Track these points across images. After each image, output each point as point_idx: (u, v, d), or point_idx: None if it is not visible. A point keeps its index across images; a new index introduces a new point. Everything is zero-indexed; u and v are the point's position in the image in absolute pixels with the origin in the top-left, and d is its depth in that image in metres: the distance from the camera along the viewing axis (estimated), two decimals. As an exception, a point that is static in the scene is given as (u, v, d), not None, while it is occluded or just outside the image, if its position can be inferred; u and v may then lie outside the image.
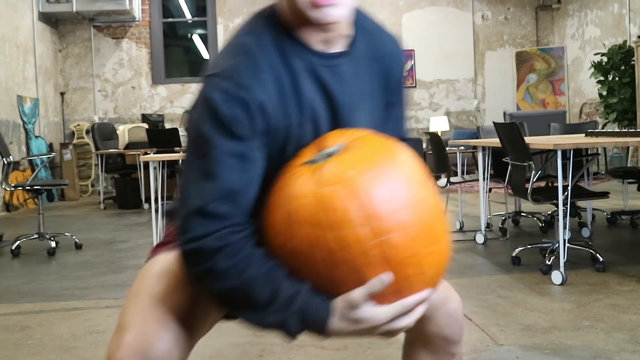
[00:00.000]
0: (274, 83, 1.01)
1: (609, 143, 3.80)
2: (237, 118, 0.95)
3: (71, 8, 8.80)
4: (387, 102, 1.21)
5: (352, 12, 1.08)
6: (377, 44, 1.16)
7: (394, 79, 1.20)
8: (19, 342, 2.64)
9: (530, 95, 9.85)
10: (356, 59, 1.12)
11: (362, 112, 1.13)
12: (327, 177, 0.95)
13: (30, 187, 4.96)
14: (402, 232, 0.92)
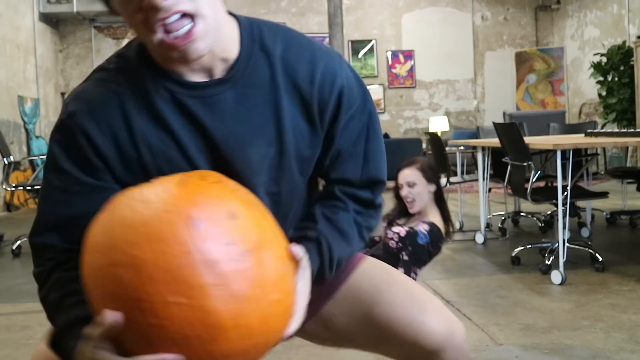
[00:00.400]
0: (114, 117, 0.93)
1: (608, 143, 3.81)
2: (65, 146, 0.94)
3: (72, 8, 8.81)
4: (329, 137, 1.03)
5: (236, 32, 0.97)
6: (290, 68, 0.98)
7: (328, 112, 1.01)
8: (20, 342, 2.65)
9: (530, 96, 9.86)
10: (244, 85, 0.96)
11: (259, 147, 0.97)
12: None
13: (31, 187, 4.97)
14: (134, 269, 0.76)
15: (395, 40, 10.13)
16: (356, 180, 1.08)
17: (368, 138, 1.07)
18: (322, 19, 9.14)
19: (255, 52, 0.97)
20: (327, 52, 1.04)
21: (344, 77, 1.02)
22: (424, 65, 10.07)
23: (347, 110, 1.02)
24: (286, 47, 0.99)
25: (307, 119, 1.00)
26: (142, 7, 0.84)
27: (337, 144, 1.04)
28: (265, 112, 0.97)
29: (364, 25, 10.09)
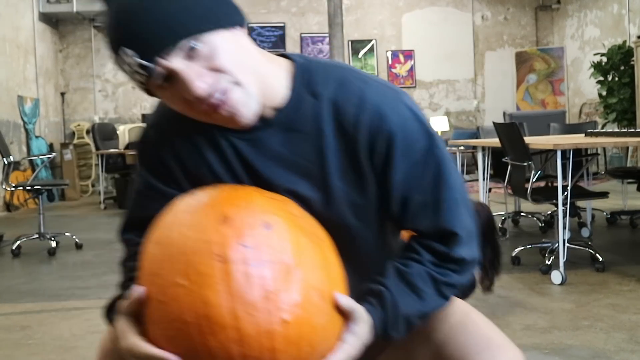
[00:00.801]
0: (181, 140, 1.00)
1: (609, 143, 3.81)
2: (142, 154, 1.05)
3: (72, 8, 8.81)
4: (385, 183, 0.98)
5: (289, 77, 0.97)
6: (337, 112, 0.96)
7: (376, 157, 0.96)
8: (20, 342, 2.65)
9: (530, 96, 9.86)
10: (291, 129, 0.96)
11: (304, 191, 0.97)
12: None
13: (30, 187, 4.97)
14: (159, 245, 0.84)
15: (395, 40, 10.13)
16: (428, 230, 0.99)
17: (437, 186, 0.97)
18: (322, 19, 9.13)
19: (304, 96, 0.96)
20: (381, 92, 0.97)
21: (396, 121, 0.95)
22: (424, 65, 10.07)
23: (405, 155, 0.95)
24: (337, 89, 0.96)
25: (354, 163, 0.96)
26: (189, 99, 0.88)
27: (401, 191, 0.97)
28: (310, 156, 0.96)
29: (364, 25, 10.09)
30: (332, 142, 0.96)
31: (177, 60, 0.85)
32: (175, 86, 0.87)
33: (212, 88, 0.87)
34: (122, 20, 0.87)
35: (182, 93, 0.87)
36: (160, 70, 0.86)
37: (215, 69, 0.87)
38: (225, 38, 0.88)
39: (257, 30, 9.90)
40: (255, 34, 9.90)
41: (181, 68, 0.85)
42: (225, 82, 0.87)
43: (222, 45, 0.88)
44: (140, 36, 0.85)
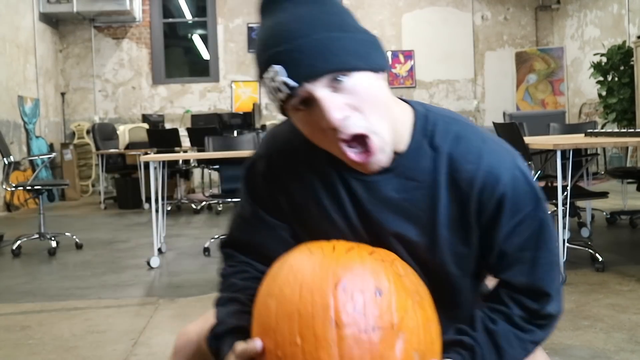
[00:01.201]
0: (289, 171, 1.05)
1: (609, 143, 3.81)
2: (248, 182, 1.11)
3: (72, 8, 8.81)
4: (489, 238, 1.01)
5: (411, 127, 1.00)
6: (453, 167, 0.99)
7: (485, 215, 0.99)
8: (20, 342, 2.65)
9: (530, 96, 9.86)
10: (406, 177, 1.00)
11: (410, 237, 1.01)
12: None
13: (30, 187, 4.97)
14: (278, 302, 0.91)
15: (395, 40, 10.13)
16: (521, 286, 1.01)
17: (537, 246, 1.00)
18: (322, 19, 9.13)
19: (423, 147, 1.00)
20: (497, 153, 1.00)
21: (509, 183, 0.98)
22: (424, 65, 10.07)
23: (512, 215, 0.99)
24: (455, 144, 1.00)
25: (463, 217, 1.00)
26: (322, 127, 0.91)
27: (502, 246, 1.00)
28: (421, 204, 1.00)
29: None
30: (445, 194, 0.99)
31: (321, 88, 0.89)
32: (312, 112, 0.91)
33: (348, 122, 0.90)
34: (279, 39, 0.89)
35: (319, 120, 0.90)
36: (303, 94, 0.89)
37: (355, 106, 0.90)
38: (370, 80, 0.91)
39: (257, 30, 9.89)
40: (255, 34, 9.89)
41: (323, 96, 0.88)
42: (363, 124, 0.90)
43: (366, 85, 0.91)
44: (294, 58, 0.88)
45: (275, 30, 0.91)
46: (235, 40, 9.91)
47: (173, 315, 3.01)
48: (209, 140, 5.00)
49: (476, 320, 1.01)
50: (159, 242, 4.41)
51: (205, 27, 10.18)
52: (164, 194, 4.74)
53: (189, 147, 7.23)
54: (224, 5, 9.88)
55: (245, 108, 9.09)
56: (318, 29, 0.89)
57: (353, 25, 0.94)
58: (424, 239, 1.01)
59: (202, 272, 3.91)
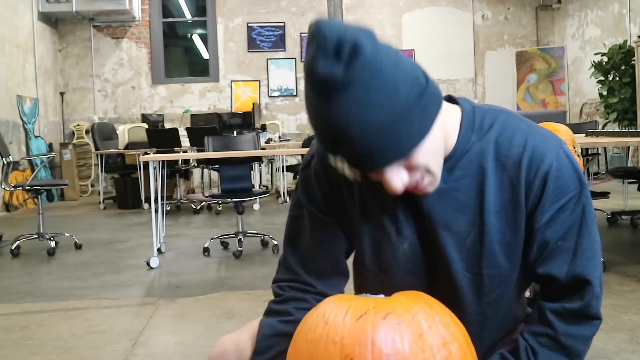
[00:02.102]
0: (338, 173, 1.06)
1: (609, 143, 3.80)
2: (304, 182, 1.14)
3: (71, 8, 8.80)
4: (531, 222, 1.02)
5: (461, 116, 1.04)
6: (501, 153, 1.02)
7: (532, 194, 1.00)
8: (19, 342, 2.64)
9: (531, 95, 9.85)
10: (455, 167, 1.02)
11: (461, 226, 1.03)
12: None
13: (30, 187, 4.96)
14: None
15: (395, 40, 10.12)
16: (562, 277, 1.00)
17: (580, 233, 1.01)
18: (322, 19, 9.12)
19: (471, 139, 1.02)
20: (544, 136, 1.02)
21: (554, 163, 0.99)
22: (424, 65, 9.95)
23: (556, 198, 0.99)
24: (501, 132, 1.02)
25: (513, 202, 1.00)
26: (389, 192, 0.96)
27: (544, 234, 1.01)
28: (470, 193, 1.02)
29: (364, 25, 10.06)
30: (493, 180, 1.01)
31: (392, 169, 0.93)
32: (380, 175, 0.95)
33: (408, 183, 0.95)
34: (340, 141, 0.88)
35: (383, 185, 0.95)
36: (372, 176, 0.95)
37: (414, 167, 0.93)
38: (428, 141, 0.92)
39: (257, 30, 9.89)
40: (255, 33, 9.89)
41: (391, 177, 0.93)
42: (419, 174, 0.95)
43: (425, 151, 0.93)
44: (354, 158, 0.90)
45: (326, 122, 0.88)
46: (235, 40, 9.91)
47: (173, 315, 3.00)
48: (209, 140, 4.99)
49: (520, 350, 1.01)
50: (159, 242, 4.40)
51: (205, 27, 10.18)
52: (163, 194, 4.73)
53: (189, 147, 7.22)
54: (223, 5, 9.88)
55: (245, 108, 9.08)
56: (375, 129, 0.86)
57: (409, 102, 0.88)
58: (472, 227, 1.01)
59: (201, 272, 3.90)
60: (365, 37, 0.87)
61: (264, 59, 9.91)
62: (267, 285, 3.89)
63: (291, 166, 8.39)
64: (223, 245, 4.68)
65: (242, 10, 9.86)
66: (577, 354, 1.02)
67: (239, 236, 4.51)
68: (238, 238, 4.48)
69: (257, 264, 4.12)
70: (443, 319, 0.95)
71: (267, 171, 9.36)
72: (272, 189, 8.83)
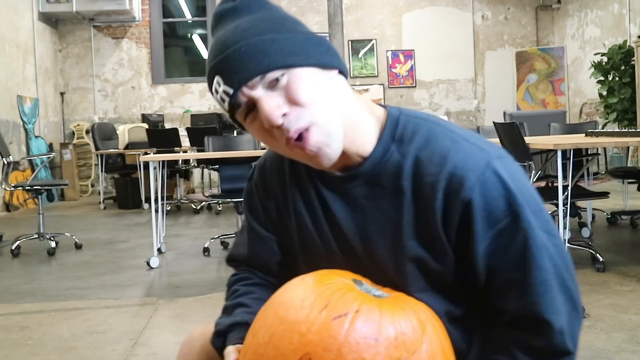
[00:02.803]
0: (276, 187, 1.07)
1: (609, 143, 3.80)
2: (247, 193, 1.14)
3: (71, 8, 8.80)
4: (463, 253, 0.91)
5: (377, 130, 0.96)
6: (418, 172, 0.92)
7: (453, 224, 0.90)
8: (19, 342, 2.64)
9: (530, 95, 9.85)
10: (373, 183, 0.95)
11: (382, 248, 0.95)
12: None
13: (30, 187, 4.96)
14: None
15: (395, 40, 10.12)
16: (516, 314, 0.89)
17: (526, 264, 0.87)
18: (322, 19, 9.12)
19: (390, 149, 0.95)
20: (466, 153, 0.90)
21: (476, 186, 0.87)
22: (424, 65, 10.06)
23: (488, 226, 0.87)
24: (423, 146, 0.92)
25: (430, 227, 0.91)
26: (270, 131, 0.90)
27: (487, 265, 0.89)
28: (389, 213, 0.94)
29: (364, 25, 10.08)
30: (409, 201, 0.92)
31: (260, 90, 0.88)
32: (258, 118, 0.90)
33: (289, 119, 0.88)
34: (217, 52, 0.91)
35: (263, 122, 0.89)
36: (242, 99, 0.89)
37: (295, 102, 0.88)
38: (311, 75, 0.90)
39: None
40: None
41: (260, 96, 0.88)
42: (304, 118, 0.88)
43: (305, 79, 0.89)
44: (228, 66, 0.89)
45: (214, 45, 0.93)
46: (235, 40, 9.90)
47: (173, 315, 3.00)
48: (209, 140, 4.99)
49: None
50: (159, 242, 4.40)
51: (205, 27, 10.17)
52: (163, 194, 4.73)
53: (189, 147, 7.23)
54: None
55: (245, 108, 9.07)
56: (250, 35, 0.89)
57: (293, 28, 0.92)
58: (393, 251, 0.93)
59: (201, 272, 3.90)
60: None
61: (264, 59, 9.90)
62: (267, 285, 3.82)
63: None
64: (223, 245, 4.68)
65: (242, 11, 9.85)
66: None
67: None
68: (238, 238, 4.48)
69: (257, 264, 4.12)
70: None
71: (267, 171, 9.35)
72: (272, 189, 8.82)
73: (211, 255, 4.40)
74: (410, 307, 0.88)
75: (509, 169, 0.90)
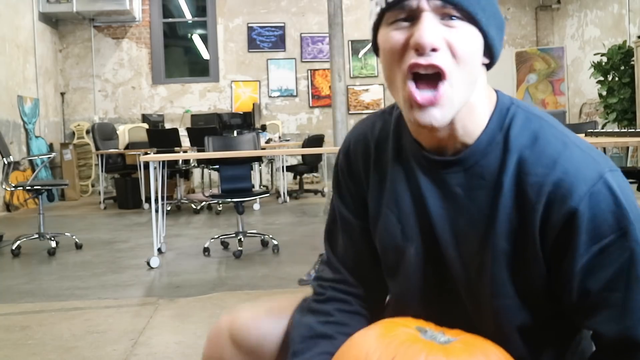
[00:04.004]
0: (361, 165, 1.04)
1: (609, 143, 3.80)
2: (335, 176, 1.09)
3: (71, 8, 8.81)
4: (560, 266, 0.85)
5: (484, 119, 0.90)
6: (523, 170, 0.86)
7: (551, 233, 0.84)
8: (19, 342, 2.65)
9: (530, 96, 9.85)
10: (473, 173, 0.89)
11: (469, 242, 0.90)
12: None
13: (30, 187, 4.97)
14: None
15: (395, 40, 10.12)
16: (611, 336, 0.84)
17: (629, 285, 0.82)
18: (322, 19, 9.13)
19: (495, 142, 0.89)
20: (579, 161, 0.84)
21: (586, 197, 0.81)
22: (424, 65, 10.07)
23: (592, 241, 0.81)
24: (531, 144, 0.87)
25: (525, 230, 0.85)
26: (406, 47, 0.83)
27: (584, 282, 0.83)
28: (483, 207, 0.88)
29: (364, 25, 10.08)
30: (508, 199, 0.86)
31: (432, 11, 0.82)
32: (407, 29, 0.83)
33: (436, 54, 0.82)
34: None
35: (408, 37, 0.83)
36: (414, 5, 0.82)
37: (451, 47, 0.83)
38: (479, 41, 0.87)
39: (257, 30, 9.89)
40: (255, 34, 9.90)
41: (429, 17, 0.82)
42: (447, 66, 0.82)
43: (473, 40, 0.85)
44: None
45: None
46: (235, 40, 9.91)
47: (173, 315, 3.01)
48: (209, 140, 4.99)
49: None
50: (159, 242, 4.41)
51: (205, 27, 10.18)
52: (163, 194, 4.73)
53: (189, 147, 7.23)
54: (223, 5, 9.88)
55: (245, 108, 9.09)
56: None
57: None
58: (481, 246, 0.88)
59: (202, 272, 3.90)
60: None
61: (264, 59, 9.91)
62: (267, 285, 3.90)
63: (291, 166, 8.39)
64: (223, 245, 4.69)
65: (242, 11, 9.86)
66: None
67: (239, 236, 4.52)
68: (238, 238, 4.49)
69: (257, 264, 4.13)
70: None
71: (267, 171, 9.36)
72: (272, 189, 8.83)
73: (211, 255, 4.41)
74: (481, 350, 0.84)
75: (620, 184, 0.84)
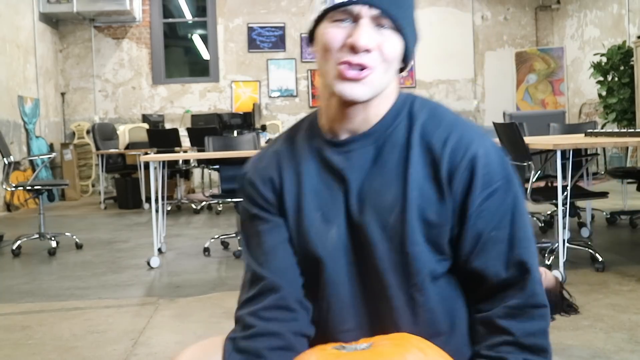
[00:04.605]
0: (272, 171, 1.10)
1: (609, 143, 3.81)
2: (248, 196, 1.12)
3: (72, 8, 8.81)
4: (462, 211, 0.99)
5: (389, 98, 1.05)
6: (426, 132, 1.02)
7: (458, 179, 0.98)
8: (20, 342, 2.65)
9: (530, 96, 9.86)
10: (383, 143, 1.03)
11: (386, 203, 1.01)
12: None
13: (31, 187, 4.97)
14: None
15: (395, 40, 10.12)
16: (498, 272, 0.98)
17: (514, 222, 0.98)
18: (322, 19, 9.12)
19: (401, 115, 1.04)
20: (469, 126, 1.03)
21: (481, 149, 0.98)
22: (424, 65, 10.06)
23: (484, 186, 0.97)
24: (429, 116, 1.03)
25: (435, 181, 0.99)
26: (343, 43, 0.97)
27: (476, 225, 0.98)
28: (396, 169, 1.01)
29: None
30: (417, 157, 1.00)
31: (369, 19, 0.96)
32: (346, 28, 0.97)
33: (367, 56, 0.96)
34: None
35: (346, 36, 0.96)
36: (356, 8, 0.96)
37: (381, 49, 0.97)
38: (400, 47, 1.00)
39: (257, 30, 9.89)
40: (255, 34, 9.90)
41: (367, 21, 0.96)
42: (376, 66, 0.97)
43: (398, 46, 0.99)
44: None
45: None
46: (235, 40, 9.91)
47: (173, 315, 3.01)
48: (209, 140, 5.00)
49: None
50: (159, 242, 4.41)
51: (205, 27, 10.18)
52: (164, 194, 4.74)
53: (189, 147, 7.23)
54: (224, 5, 9.88)
55: (245, 108, 9.09)
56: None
57: (415, 6, 1.04)
58: (395, 203, 0.99)
59: (202, 272, 3.91)
60: None
61: (264, 60, 9.92)
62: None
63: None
64: (223, 245, 4.69)
65: (242, 11, 9.86)
66: (542, 349, 0.97)
67: (239, 236, 4.52)
68: (238, 238, 4.49)
69: (257, 264, 4.13)
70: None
71: (267, 171, 9.36)
72: (272, 189, 8.82)
73: (211, 255, 4.41)
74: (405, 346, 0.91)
75: (495, 145, 1.03)
